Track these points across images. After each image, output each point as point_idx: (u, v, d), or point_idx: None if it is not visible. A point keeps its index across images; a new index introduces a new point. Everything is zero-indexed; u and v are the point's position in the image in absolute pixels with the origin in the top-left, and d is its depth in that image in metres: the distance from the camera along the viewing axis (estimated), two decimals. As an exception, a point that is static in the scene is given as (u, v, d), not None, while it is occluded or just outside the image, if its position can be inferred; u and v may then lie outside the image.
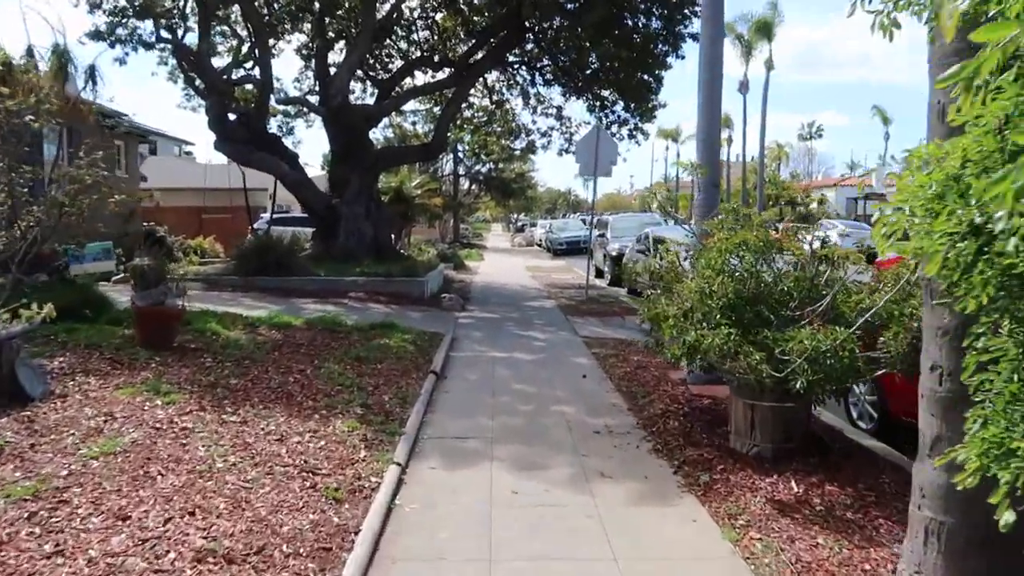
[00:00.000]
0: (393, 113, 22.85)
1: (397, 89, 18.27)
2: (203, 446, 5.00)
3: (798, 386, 4.36)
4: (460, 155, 47.62)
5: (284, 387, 6.76)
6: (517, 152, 43.99)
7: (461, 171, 48.87)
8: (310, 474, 4.70)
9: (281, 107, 20.09)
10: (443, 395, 7.28)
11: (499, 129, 24.24)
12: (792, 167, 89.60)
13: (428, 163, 43.68)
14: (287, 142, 20.17)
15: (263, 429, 5.51)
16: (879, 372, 4.65)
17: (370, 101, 19.46)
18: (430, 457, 5.42)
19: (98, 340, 7.68)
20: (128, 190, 20.40)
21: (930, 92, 3.33)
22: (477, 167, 48.36)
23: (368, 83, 20.70)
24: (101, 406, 5.60)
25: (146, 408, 5.67)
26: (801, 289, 5.03)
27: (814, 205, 63.23)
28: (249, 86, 17.65)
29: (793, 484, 4.65)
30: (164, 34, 15.37)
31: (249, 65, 17.75)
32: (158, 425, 5.33)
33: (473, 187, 52.79)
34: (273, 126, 20.18)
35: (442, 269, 18.58)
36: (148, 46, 15.42)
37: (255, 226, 28.16)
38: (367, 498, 4.49)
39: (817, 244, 5.44)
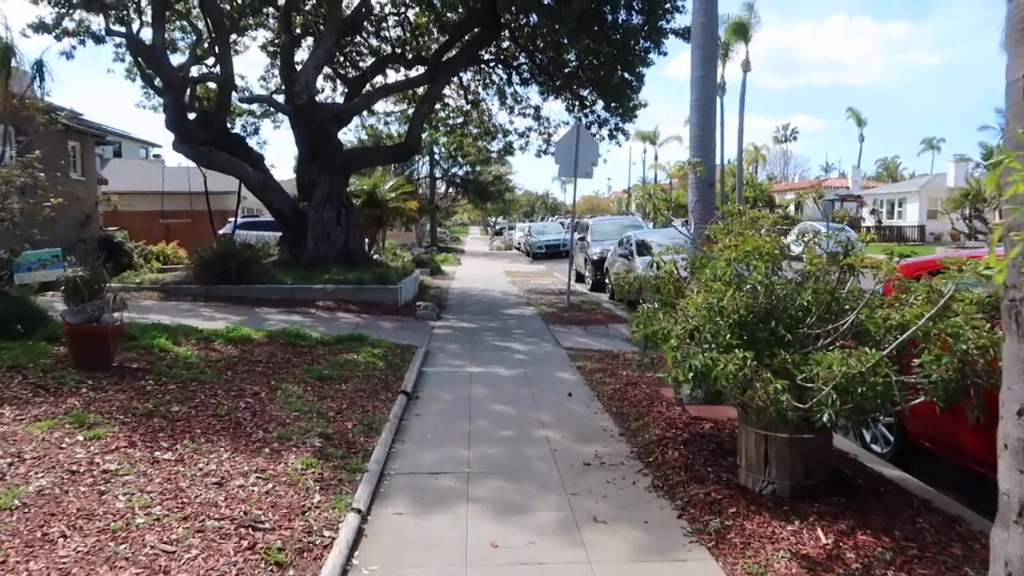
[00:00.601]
0: (366, 114, 22.04)
1: (368, 87, 17.47)
2: (124, 495, 4.22)
3: (824, 418, 3.70)
4: (437, 158, 46.86)
5: (233, 414, 5.98)
6: (494, 154, 43.39)
7: (438, 174, 48.07)
8: (250, 530, 3.94)
9: (246, 106, 19.21)
10: (414, 419, 6.54)
11: (475, 131, 23.52)
12: (768, 170, 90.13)
13: (402, 165, 42.90)
14: (252, 143, 19.34)
15: (201, 469, 4.74)
16: (916, 401, 4.00)
17: (340, 100, 18.66)
18: (396, 499, 4.68)
19: (25, 361, 6.85)
20: (84, 193, 19.47)
21: (1010, 68, 2.67)
22: (454, 170, 47.60)
23: (338, 82, 19.90)
24: (8, 444, 4.79)
25: (64, 446, 4.87)
26: (820, 303, 4.38)
27: (791, 208, 63.44)
28: (212, 84, 16.77)
29: (820, 533, 3.99)
30: (116, 27, 14.44)
31: (211, 62, 16.88)
32: (75, 468, 4.54)
33: (450, 190, 52.02)
34: (238, 126, 19.32)
35: (417, 275, 17.82)
36: (98, 39, 14.50)
37: (222, 231, 27.35)
38: (318, 559, 3.75)
39: (838, 248, 4.78)
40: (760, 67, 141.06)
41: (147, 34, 14.93)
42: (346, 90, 18.00)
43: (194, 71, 16.98)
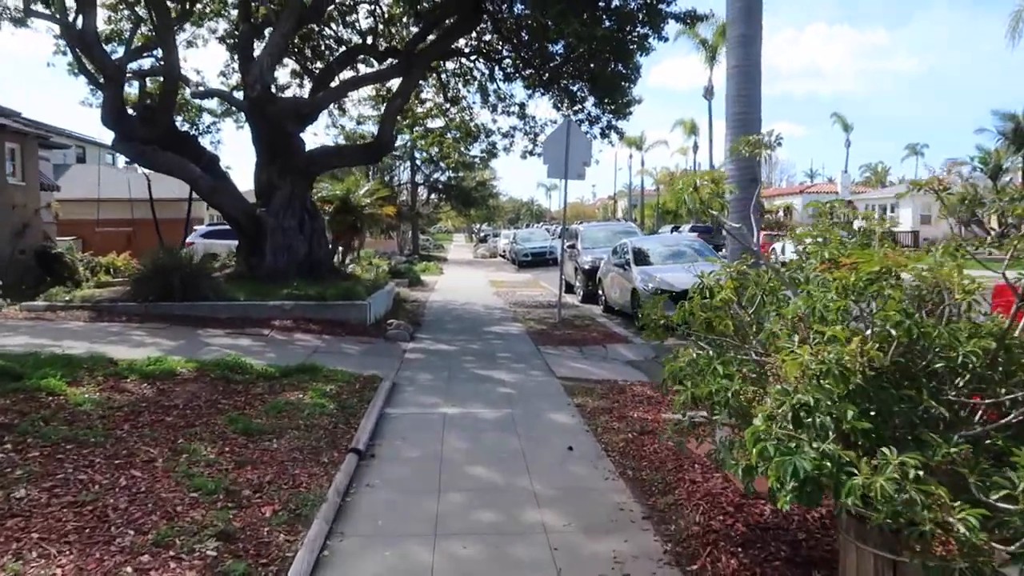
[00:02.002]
0: (337, 114, 20.41)
1: (337, 82, 15.80)
2: None
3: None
4: (418, 163, 45.23)
5: (102, 500, 4.27)
6: (476, 158, 41.77)
7: (419, 179, 46.42)
8: None
9: (207, 105, 17.48)
10: (364, 494, 4.85)
11: (456, 133, 21.83)
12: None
13: (381, 170, 41.20)
14: (206, 142, 17.61)
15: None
16: None
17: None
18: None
19: None
20: (22, 199, 17.61)
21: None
22: (436, 175, 45.96)
23: (305, 79, 18.20)
24: None
25: None
26: (983, 353, 2.74)
27: (780, 214, 62.29)
28: (162, 78, 14.99)
29: None
30: (39, 8, 12.68)
31: (160, 54, 15.12)
32: None
33: (432, 196, 50.37)
34: (200, 126, 17.55)
35: (392, 288, 16.13)
36: (18, 22, 12.75)
37: (190, 239, 25.51)
38: None
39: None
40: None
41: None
42: (312, 85, 16.31)
43: (145, 65, 15.27)
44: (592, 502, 4.72)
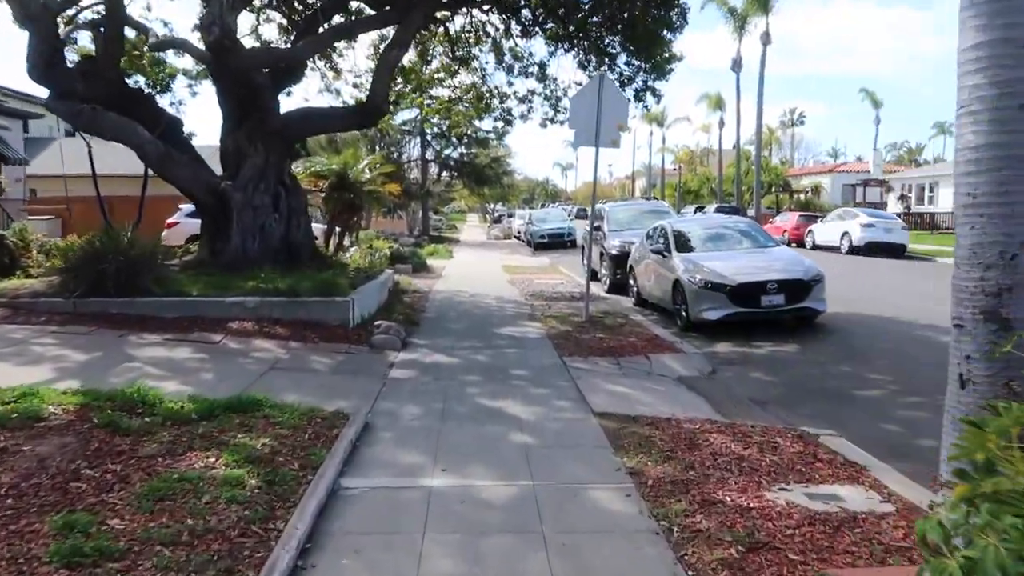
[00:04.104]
0: (331, 76, 17.83)
1: (323, 30, 13.27)
2: None
3: None
4: (428, 138, 42.64)
5: None
6: (490, 132, 39.07)
7: (430, 156, 43.84)
8: None
9: (168, 61, 15.00)
10: None
11: (466, 103, 19.18)
12: (781, 154, 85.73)
13: (386, 145, 38.64)
14: (166, 103, 15.20)
15: None
16: None
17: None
18: None
19: None
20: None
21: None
22: (447, 151, 43.35)
23: (293, 33, 15.67)
24: None
25: None
26: None
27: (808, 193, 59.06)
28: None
29: None
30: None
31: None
32: None
33: (444, 174, 47.79)
34: (160, 85, 15.07)
35: (387, 277, 13.71)
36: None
37: (172, 219, 23.17)
38: None
39: None
40: (756, 56, 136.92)
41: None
42: (295, 37, 13.80)
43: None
44: None
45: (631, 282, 14.98)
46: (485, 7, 15.23)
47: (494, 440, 5.53)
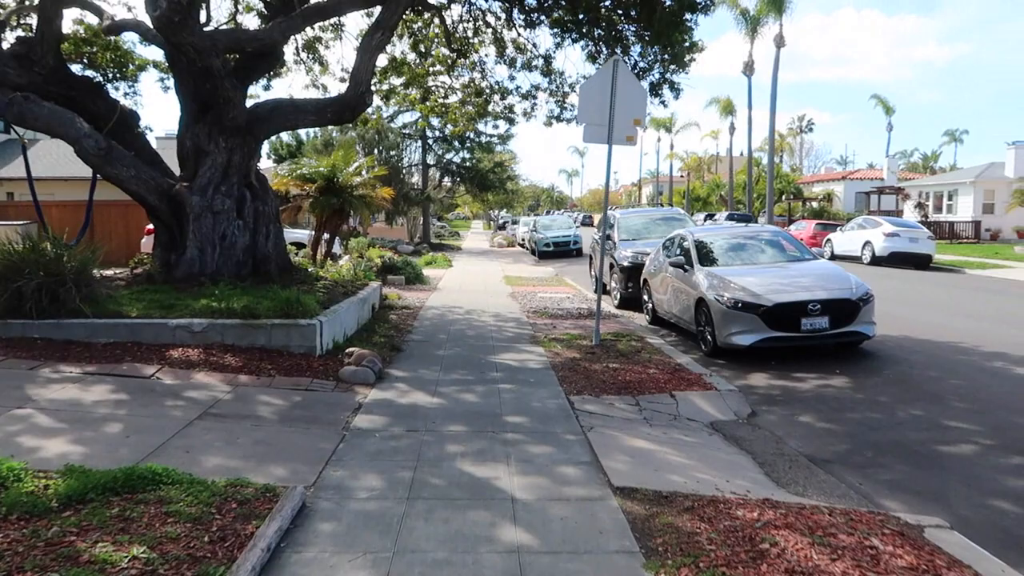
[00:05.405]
0: (318, 70, 16.29)
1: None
2: None
3: None
4: (429, 142, 41.19)
5: None
6: (493, 137, 37.53)
7: (431, 160, 42.35)
8: None
9: (148, 56, 13.49)
10: None
11: (469, 100, 17.60)
12: (792, 161, 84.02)
13: (384, 149, 37.15)
14: (119, 94, 13.70)
15: None
16: None
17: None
18: None
19: None
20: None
21: None
22: (449, 155, 41.85)
23: (266, 16, 14.14)
24: None
25: None
26: None
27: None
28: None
29: None
30: None
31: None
32: None
33: (446, 179, 46.28)
34: (117, 76, 13.53)
35: (372, 292, 12.14)
36: None
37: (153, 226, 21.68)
38: None
39: None
40: (765, 61, 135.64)
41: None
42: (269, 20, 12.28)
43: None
44: None
45: (645, 297, 13.41)
46: (484, -8, 13.70)
47: (474, 542, 3.93)
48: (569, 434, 5.97)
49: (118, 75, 13.31)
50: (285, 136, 41.93)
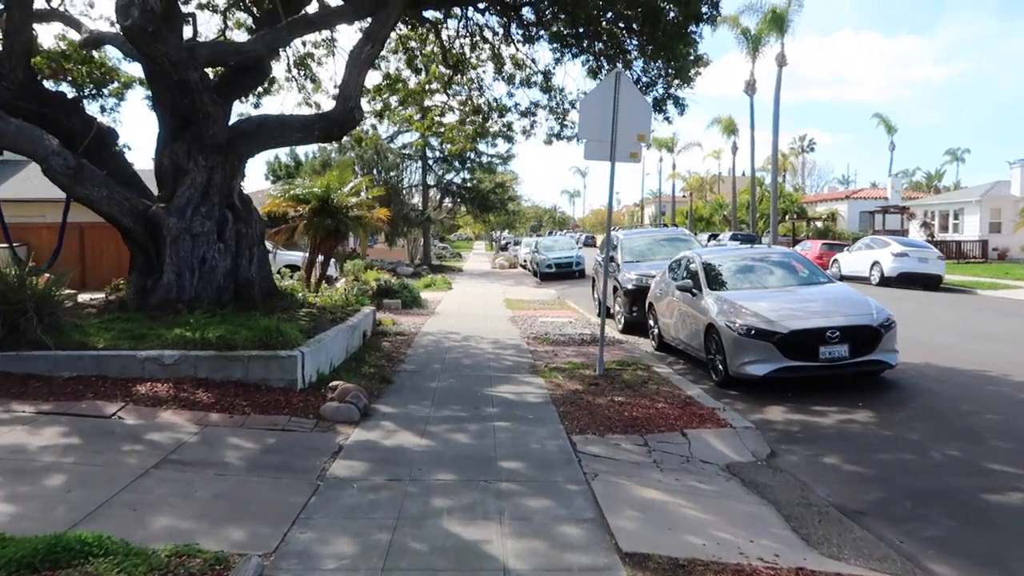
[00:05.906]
0: (311, 88, 15.82)
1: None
2: None
3: None
4: (429, 162, 40.80)
5: None
6: (493, 155, 37.12)
7: (431, 180, 41.94)
8: None
9: (134, 73, 13.01)
10: None
11: (459, 109, 17.02)
12: (794, 181, 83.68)
13: (383, 169, 36.74)
14: (96, 110, 13.17)
15: None
16: None
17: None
18: None
19: None
20: None
21: None
22: (449, 176, 41.44)
23: (255, 31, 13.67)
24: None
25: None
26: None
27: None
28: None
29: None
30: None
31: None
32: None
33: (447, 200, 45.86)
34: (92, 91, 13.02)
35: (364, 318, 11.53)
36: None
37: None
38: None
39: None
40: (766, 80, 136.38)
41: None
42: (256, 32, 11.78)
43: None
44: None
45: (651, 322, 12.78)
46: (480, 5, 13.24)
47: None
48: (571, 483, 5.32)
49: (96, 92, 12.80)
50: (283, 156, 41.63)
